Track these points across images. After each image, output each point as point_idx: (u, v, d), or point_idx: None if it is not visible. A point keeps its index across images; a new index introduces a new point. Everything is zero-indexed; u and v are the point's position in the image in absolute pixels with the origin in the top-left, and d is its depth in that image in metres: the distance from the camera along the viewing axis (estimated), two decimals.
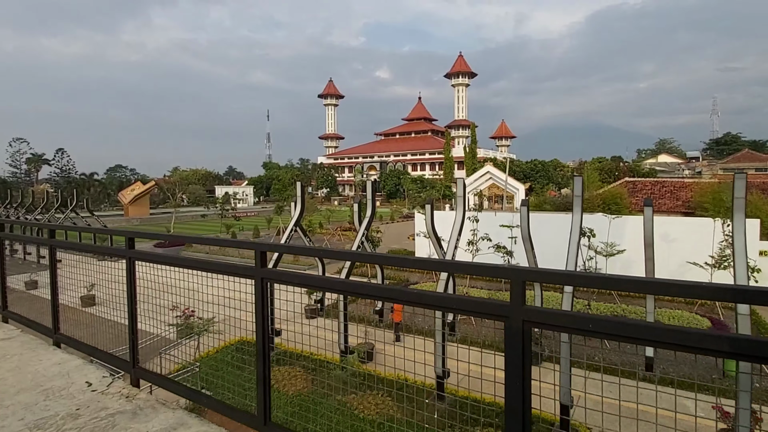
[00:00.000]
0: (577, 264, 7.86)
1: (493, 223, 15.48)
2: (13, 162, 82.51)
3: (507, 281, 7.70)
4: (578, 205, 7.88)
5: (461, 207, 9.51)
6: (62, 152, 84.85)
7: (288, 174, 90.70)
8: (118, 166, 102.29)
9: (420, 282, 18.09)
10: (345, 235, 33.25)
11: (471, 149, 79.28)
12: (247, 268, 3.10)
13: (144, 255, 4.26)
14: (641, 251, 13.93)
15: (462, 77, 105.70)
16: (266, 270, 3.02)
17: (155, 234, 4.19)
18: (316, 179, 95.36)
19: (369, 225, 10.92)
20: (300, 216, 12.18)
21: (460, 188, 9.53)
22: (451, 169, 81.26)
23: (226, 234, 34.31)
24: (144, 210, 53.06)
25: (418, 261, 3.23)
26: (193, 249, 28.90)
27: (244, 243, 3.62)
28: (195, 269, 3.77)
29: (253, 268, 3.04)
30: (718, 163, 64.99)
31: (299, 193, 12.06)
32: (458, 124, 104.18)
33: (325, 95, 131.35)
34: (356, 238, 10.80)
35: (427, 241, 19.81)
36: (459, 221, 9.41)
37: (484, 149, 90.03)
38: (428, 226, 11.10)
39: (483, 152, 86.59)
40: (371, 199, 10.90)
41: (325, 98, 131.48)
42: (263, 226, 38.22)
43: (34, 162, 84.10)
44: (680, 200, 24.92)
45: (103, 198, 71.75)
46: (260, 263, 3.02)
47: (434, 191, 61.24)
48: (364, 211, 11.47)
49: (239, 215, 43.40)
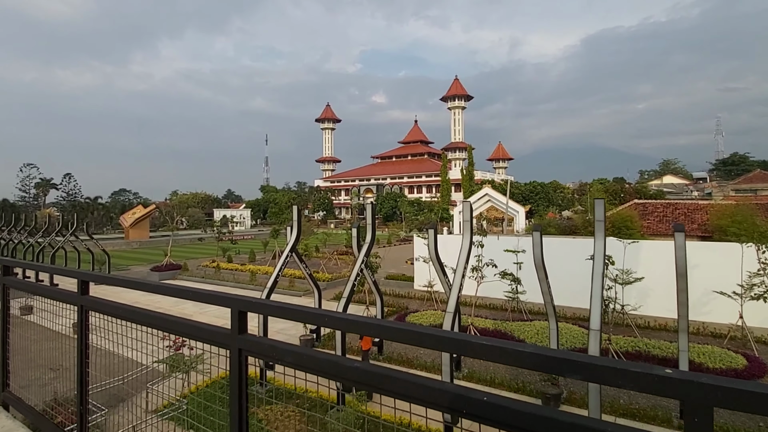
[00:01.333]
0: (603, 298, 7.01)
1: (497, 248, 14.70)
2: (22, 186, 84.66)
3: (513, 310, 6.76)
4: (601, 231, 7.11)
5: (468, 232, 8.71)
6: (69, 177, 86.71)
7: (285, 197, 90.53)
8: (122, 190, 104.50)
9: (420, 310, 17.12)
10: (342, 259, 32.31)
11: (468, 171, 79.07)
12: (222, 334, 2.33)
13: (99, 305, 3.45)
14: (659, 279, 13.16)
15: (458, 100, 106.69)
16: (247, 339, 2.23)
17: (112, 278, 3.36)
18: (313, 202, 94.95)
19: (369, 251, 10.09)
20: (296, 241, 11.37)
21: (467, 212, 8.75)
22: (448, 192, 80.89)
23: (223, 257, 33.67)
24: (144, 233, 53.35)
25: None
26: (188, 273, 28.03)
27: (218, 297, 2.72)
28: (158, 328, 2.96)
29: (229, 333, 2.28)
30: (729, 183, 64.31)
31: (296, 217, 11.28)
32: (455, 146, 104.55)
33: (323, 119, 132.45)
34: (355, 265, 9.94)
35: (428, 267, 18.99)
36: (466, 247, 8.60)
37: (481, 171, 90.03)
38: (431, 252, 10.27)
39: (480, 174, 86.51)
40: (371, 223, 10.11)
41: (323, 122, 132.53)
42: (259, 249, 37.32)
43: (43, 186, 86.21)
44: (695, 223, 24.09)
45: (106, 221, 72.89)
46: (238, 327, 2.25)
47: (432, 214, 60.56)
48: (363, 235, 10.68)
49: (236, 238, 43.33)
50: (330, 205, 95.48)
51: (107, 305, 3.23)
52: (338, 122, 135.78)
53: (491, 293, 15.97)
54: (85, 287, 3.44)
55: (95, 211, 74.93)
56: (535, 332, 12.81)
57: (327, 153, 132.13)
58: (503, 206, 39.70)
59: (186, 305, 20.41)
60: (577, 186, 77.58)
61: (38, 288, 4.32)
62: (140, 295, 22.96)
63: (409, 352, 12.86)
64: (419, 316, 15.78)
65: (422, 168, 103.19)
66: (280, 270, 10.70)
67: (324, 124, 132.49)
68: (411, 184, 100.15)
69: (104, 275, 3.63)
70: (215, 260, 31.56)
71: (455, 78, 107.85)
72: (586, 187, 69.57)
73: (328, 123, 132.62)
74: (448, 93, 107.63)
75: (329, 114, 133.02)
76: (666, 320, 13.97)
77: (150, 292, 3.01)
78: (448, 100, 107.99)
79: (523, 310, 15.50)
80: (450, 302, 8.28)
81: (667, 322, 13.67)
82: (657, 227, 24.29)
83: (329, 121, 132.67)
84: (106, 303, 3.23)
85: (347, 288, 9.82)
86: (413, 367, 11.69)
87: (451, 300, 8.27)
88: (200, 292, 2.55)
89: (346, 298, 9.68)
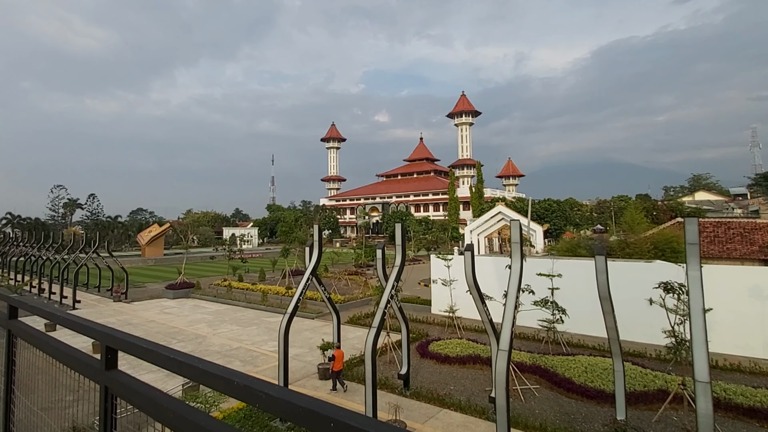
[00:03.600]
0: (705, 341, 5.60)
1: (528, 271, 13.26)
2: (52, 206, 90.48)
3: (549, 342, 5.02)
4: (695, 255, 5.73)
5: (518, 256, 7.37)
6: (93, 197, 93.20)
7: (291, 215, 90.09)
8: (139, 209, 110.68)
9: (442, 337, 15.65)
10: (353, 279, 30.91)
11: (477, 189, 77.68)
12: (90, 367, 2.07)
13: (26, 333, 2.81)
14: (726, 309, 11.69)
15: (465, 116, 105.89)
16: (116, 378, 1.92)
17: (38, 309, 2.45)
18: (319, 221, 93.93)
19: (399, 276, 8.76)
20: (318, 262, 10.12)
21: (516, 232, 7.42)
22: (456, 210, 79.44)
23: (233, 276, 32.97)
24: (159, 251, 55.01)
25: None
26: (201, 291, 27.81)
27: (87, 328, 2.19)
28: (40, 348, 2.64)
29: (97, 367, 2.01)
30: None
31: (316, 237, 10.05)
32: (462, 163, 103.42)
33: (328, 138, 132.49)
34: (383, 294, 8.58)
35: (447, 290, 17.55)
36: (517, 272, 7.27)
37: (490, 189, 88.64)
38: (469, 278, 8.91)
39: (489, 192, 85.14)
40: (401, 245, 8.80)
41: (328, 141, 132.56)
42: (268, 268, 36.98)
43: (70, 206, 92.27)
44: (755, 245, 21.97)
45: (125, 239, 77.08)
46: (105, 362, 1.97)
47: (446, 233, 58.95)
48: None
49: (245, 257, 43.31)
50: (336, 223, 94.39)
51: (35, 336, 2.72)
52: (343, 141, 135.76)
53: (521, 321, 14.52)
54: (13, 312, 3.03)
55: (115, 229, 79.40)
56: (583, 369, 11.30)
57: (332, 172, 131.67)
58: None
59: (199, 325, 19.31)
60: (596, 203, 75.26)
61: None
62: (157, 313, 22.36)
63: (440, 387, 11.40)
64: (444, 345, 14.32)
65: (429, 186, 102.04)
66: (302, 293, 9.49)
67: (329, 143, 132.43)
68: (417, 203, 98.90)
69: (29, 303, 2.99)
70: (227, 279, 30.94)
71: (462, 94, 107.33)
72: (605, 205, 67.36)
73: (333, 142, 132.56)
74: (455, 109, 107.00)
75: (334, 133, 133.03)
76: (738, 359, 12.42)
77: None
78: (455, 116, 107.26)
79: (561, 342, 13.97)
80: (503, 337, 6.91)
81: (740, 361, 12.12)
82: (708, 249, 22.27)
83: (334, 140, 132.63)
84: (32, 334, 2.75)
85: (377, 317, 8.49)
86: (445, 405, 10.23)
87: (504, 334, 6.89)
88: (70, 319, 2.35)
89: (376, 329, 8.34)
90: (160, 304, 24.97)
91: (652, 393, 10.18)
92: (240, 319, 20.63)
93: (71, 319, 2.40)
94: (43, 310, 2.74)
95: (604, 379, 10.83)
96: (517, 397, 10.78)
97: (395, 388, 11.20)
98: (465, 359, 13.25)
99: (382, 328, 8.29)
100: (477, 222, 47.01)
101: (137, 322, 20.03)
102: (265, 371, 13.05)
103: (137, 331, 18.26)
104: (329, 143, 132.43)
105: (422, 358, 13.84)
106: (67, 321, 2.43)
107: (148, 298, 26.71)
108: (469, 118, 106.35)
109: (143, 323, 19.89)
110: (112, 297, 26.15)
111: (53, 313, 2.64)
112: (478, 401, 10.51)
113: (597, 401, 10.33)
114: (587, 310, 11.83)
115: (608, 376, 10.88)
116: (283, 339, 9.52)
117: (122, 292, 26.34)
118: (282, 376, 9.44)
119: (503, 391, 6.64)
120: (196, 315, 21.72)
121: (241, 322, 19.99)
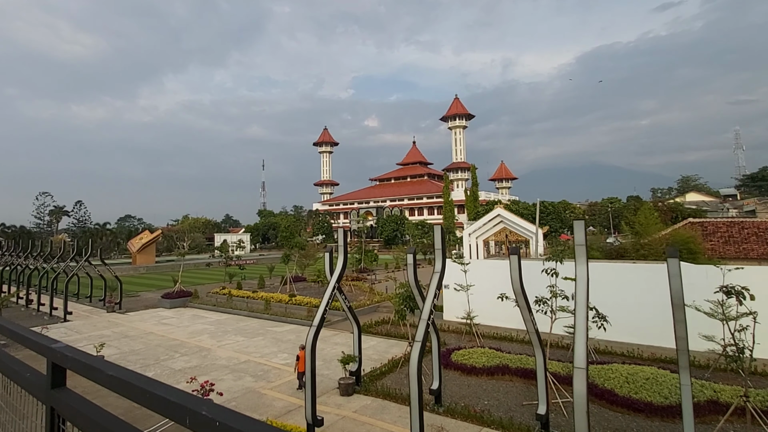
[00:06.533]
0: None
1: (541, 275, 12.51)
2: (37, 214, 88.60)
3: None
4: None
5: (583, 259, 6.63)
6: (80, 204, 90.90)
7: (285, 221, 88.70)
8: (128, 216, 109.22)
9: (462, 346, 14.86)
10: (356, 285, 30.02)
11: (472, 192, 77.37)
12: (32, 383, 1.84)
13: None
14: None
15: (459, 119, 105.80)
16: (62, 398, 1.65)
17: None
18: (312, 226, 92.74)
19: (440, 284, 7.95)
20: (343, 269, 9.27)
21: (581, 233, 6.67)
22: (451, 213, 79.00)
23: (230, 283, 31.90)
24: (150, 258, 53.66)
25: None
26: (199, 300, 26.53)
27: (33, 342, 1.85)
28: None
29: (41, 385, 1.76)
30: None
31: (341, 242, 9.18)
32: (456, 166, 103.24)
33: (320, 143, 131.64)
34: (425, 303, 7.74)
35: (460, 295, 16.78)
36: (583, 278, 6.52)
37: (484, 192, 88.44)
38: (516, 285, 8.16)
39: (484, 195, 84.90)
40: (441, 248, 8.01)
41: (320, 146, 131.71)
42: (265, 274, 35.98)
43: (56, 214, 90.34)
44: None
45: (113, 246, 75.03)
46: (51, 380, 1.71)
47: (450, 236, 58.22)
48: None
49: (243, 263, 42.27)
50: (329, 228, 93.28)
51: None
52: (336, 145, 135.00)
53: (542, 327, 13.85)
54: None
55: (104, 237, 77.44)
56: (624, 379, 10.60)
57: (325, 176, 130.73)
58: (519, 228, 37.63)
59: (202, 336, 18.24)
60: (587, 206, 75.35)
61: None
62: (155, 324, 21.17)
63: (473, 402, 10.61)
64: (467, 354, 13.53)
65: (423, 189, 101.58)
66: (328, 304, 8.66)
67: (322, 147, 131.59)
68: (412, 206, 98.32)
69: None
70: (225, 287, 29.91)
71: (455, 97, 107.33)
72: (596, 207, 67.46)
73: (326, 146, 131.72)
74: (449, 112, 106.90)
75: (327, 137, 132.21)
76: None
77: None
78: (449, 119, 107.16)
79: (590, 350, 13.27)
80: (577, 353, 6.17)
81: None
82: (723, 249, 21.85)
83: (327, 144, 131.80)
84: None
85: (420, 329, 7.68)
86: (485, 424, 9.43)
87: (578, 350, 6.14)
88: (17, 332, 2.06)
89: (421, 343, 7.51)
90: (157, 314, 23.81)
91: (703, 404, 9.53)
92: (244, 329, 19.61)
93: (10, 328, 2.18)
94: None
95: (648, 390, 10.15)
96: (560, 412, 10.03)
97: (426, 404, 10.37)
98: (493, 370, 12.48)
99: (426, 341, 7.47)
100: (475, 225, 46.23)
101: (134, 335, 18.91)
102: (280, 387, 12.14)
103: (136, 344, 17.17)
104: (322, 147, 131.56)
105: (446, 369, 13.02)
106: (5, 329, 2.20)
107: (143, 308, 25.50)
108: (463, 122, 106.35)
109: (141, 335, 18.77)
110: (105, 307, 24.87)
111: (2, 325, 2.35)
112: (519, 418, 9.73)
113: (645, 415, 9.65)
114: (612, 316, 11.16)
115: (652, 387, 10.21)
116: (311, 353, 8.67)
117: (116, 302, 25.08)
118: (309, 393, 8.58)
119: (583, 416, 5.87)
120: (197, 325, 20.63)
121: (245, 332, 18.97)
